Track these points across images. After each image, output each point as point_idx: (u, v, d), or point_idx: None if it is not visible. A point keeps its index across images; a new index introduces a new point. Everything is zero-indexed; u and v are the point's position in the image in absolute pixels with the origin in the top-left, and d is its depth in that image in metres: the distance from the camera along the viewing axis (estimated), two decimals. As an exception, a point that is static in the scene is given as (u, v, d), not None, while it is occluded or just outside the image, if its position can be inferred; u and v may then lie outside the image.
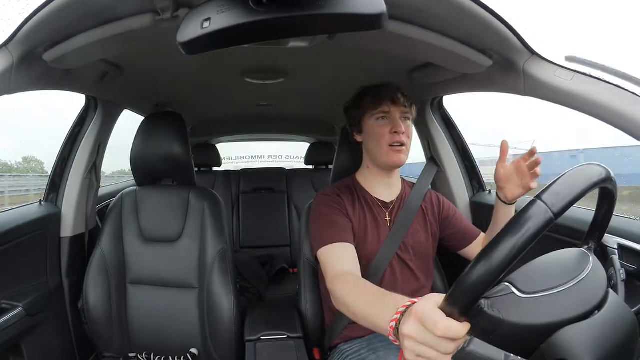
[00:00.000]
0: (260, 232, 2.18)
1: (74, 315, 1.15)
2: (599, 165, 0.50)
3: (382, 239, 0.94)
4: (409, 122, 0.95)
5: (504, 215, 0.91)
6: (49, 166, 1.27)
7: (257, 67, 1.16)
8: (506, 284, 0.49)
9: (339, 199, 0.95)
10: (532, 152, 0.85)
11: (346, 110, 1.01)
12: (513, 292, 0.48)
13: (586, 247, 0.61)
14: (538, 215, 0.43)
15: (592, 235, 0.62)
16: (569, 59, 0.70)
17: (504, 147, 0.88)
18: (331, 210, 0.92)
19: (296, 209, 2.24)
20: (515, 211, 0.89)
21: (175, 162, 1.11)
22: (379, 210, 0.97)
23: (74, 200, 1.18)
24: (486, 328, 0.45)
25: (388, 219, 0.97)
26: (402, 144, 0.92)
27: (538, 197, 0.44)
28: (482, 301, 0.46)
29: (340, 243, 0.86)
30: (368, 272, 0.92)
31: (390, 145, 0.91)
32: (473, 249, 1.00)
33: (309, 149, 2.43)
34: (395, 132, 0.90)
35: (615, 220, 0.70)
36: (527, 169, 0.85)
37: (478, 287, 0.43)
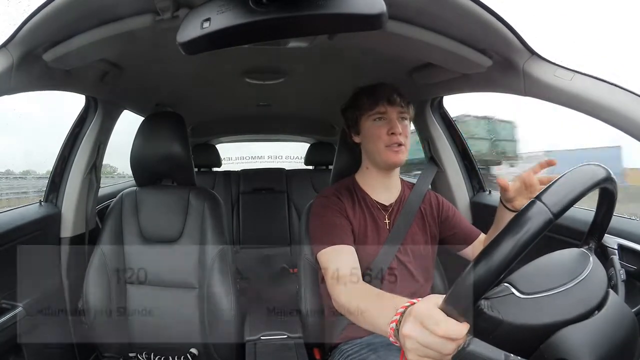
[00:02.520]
0: (260, 232, 2.18)
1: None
2: (598, 165, 0.50)
3: (381, 242, 0.94)
4: (407, 122, 0.95)
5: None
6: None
7: (257, 67, 1.16)
8: (506, 284, 0.49)
9: (339, 200, 0.95)
10: (544, 164, 0.81)
11: (343, 112, 1.01)
12: (513, 293, 0.48)
13: (586, 247, 0.61)
14: (538, 216, 0.43)
15: (592, 235, 0.62)
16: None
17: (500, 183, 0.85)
18: (331, 212, 0.92)
19: (296, 209, 2.23)
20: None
21: (175, 162, 1.11)
22: (378, 212, 0.97)
23: (74, 201, 1.18)
24: (486, 328, 0.45)
25: (387, 221, 0.97)
26: (400, 145, 0.92)
27: (538, 197, 0.44)
28: (482, 302, 0.46)
29: (339, 245, 0.86)
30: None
31: (388, 146, 0.91)
32: (473, 250, 1.00)
33: (309, 149, 2.43)
34: (393, 133, 0.90)
35: (616, 221, 0.70)
36: (537, 182, 0.81)
37: (478, 287, 0.43)
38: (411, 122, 0.98)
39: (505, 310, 0.46)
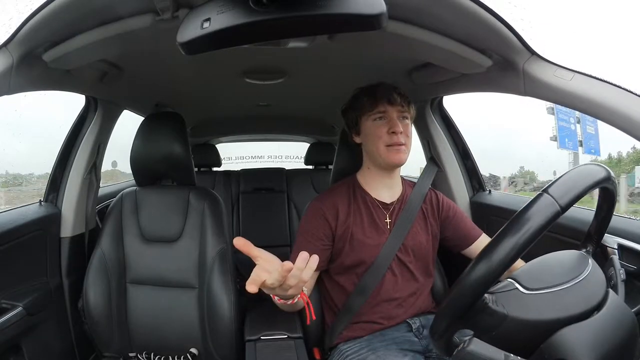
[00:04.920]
0: (260, 232, 2.18)
1: (74, 315, 1.15)
2: (599, 165, 0.51)
3: (382, 241, 0.94)
4: (407, 121, 0.95)
5: None
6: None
7: (257, 67, 1.16)
8: (510, 280, 0.50)
9: (330, 206, 0.95)
10: None
11: (344, 112, 1.02)
12: (517, 288, 0.49)
13: (585, 250, 0.61)
14: (546, 208, 0.43)
15: (592, 235, 0.62)
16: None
17: None
18: (314, 220, 0.95)
19: (296, 209, 2.23)
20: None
21: (175, 162, 1.11)
22: (379, 211, 0.97)
23: (74, 201, 1.18)
24: (490, 323, 0.46)
25: (388, 220, 0.97)
26: (401, 144, 0.92)
27: (545, 190, 0.45)
28: (487, 296, 0.47)
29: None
30: (368, 274, 0.92)
31: (389, 146, 0.91)
32: (475, 249, 0.99)
33: (309, 149, 2.43)
34: (393, 132, 0.90)
35: (615, 220, 0.70)
36: None
37: (488, 277, 0.43)
38: (412, 122, 0.98)
39: (509, 305, 0.47)
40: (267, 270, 0.57)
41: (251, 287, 0.55)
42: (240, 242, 0.56)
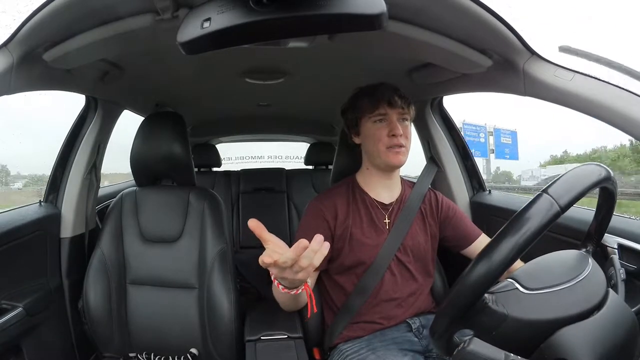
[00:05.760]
0: None
1: (74, 316, 1.15)
2: (599, 165, 0.51)
3: (381, 241, 0.94)
4: (407, 123, 0.95)
5: None
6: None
7: (257, 67, 1.16)
8: (510, 280, 0.50)
9: (329, 206, 0.95)
10: None
11: (343, 112, 1.01)
12: (517, 288, 0.49)
13: (585, 249, 0.61)
14: (545, 208, 0.43)
15: (592, 235, 0.62)
16: (563, 49, 0.70)
17: None
18: (313, 220, 0.95)
19: (296, 209, 2.23)
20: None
21: (175, 163, 1.11)
22: (378, 212, 0.97)
23: (74, 201, 1.18)
24: (491, 324, 0.46)
25: (387, 221, 0.97)
26: (401, 146, 0.92)
27: (544, 191, 0.45)
28: (487, 296, 0.47)
29: None
30: (367, 274, 0.92)
31: (389, 147, 0.91)
32: (475, 249, 0.99)
33: (309, 149, 2.43)
34: (393, 135, 0.90)
35: (615, 220, 0.70)
36: None
37: (488, 276, 0.44)
38: (412, 122, 0.98)
39: (509, 305, 0.47)
40: (277, 252, 0.57)
41: (267, 257, 0.55)
42: (254, 224, 0.56)
